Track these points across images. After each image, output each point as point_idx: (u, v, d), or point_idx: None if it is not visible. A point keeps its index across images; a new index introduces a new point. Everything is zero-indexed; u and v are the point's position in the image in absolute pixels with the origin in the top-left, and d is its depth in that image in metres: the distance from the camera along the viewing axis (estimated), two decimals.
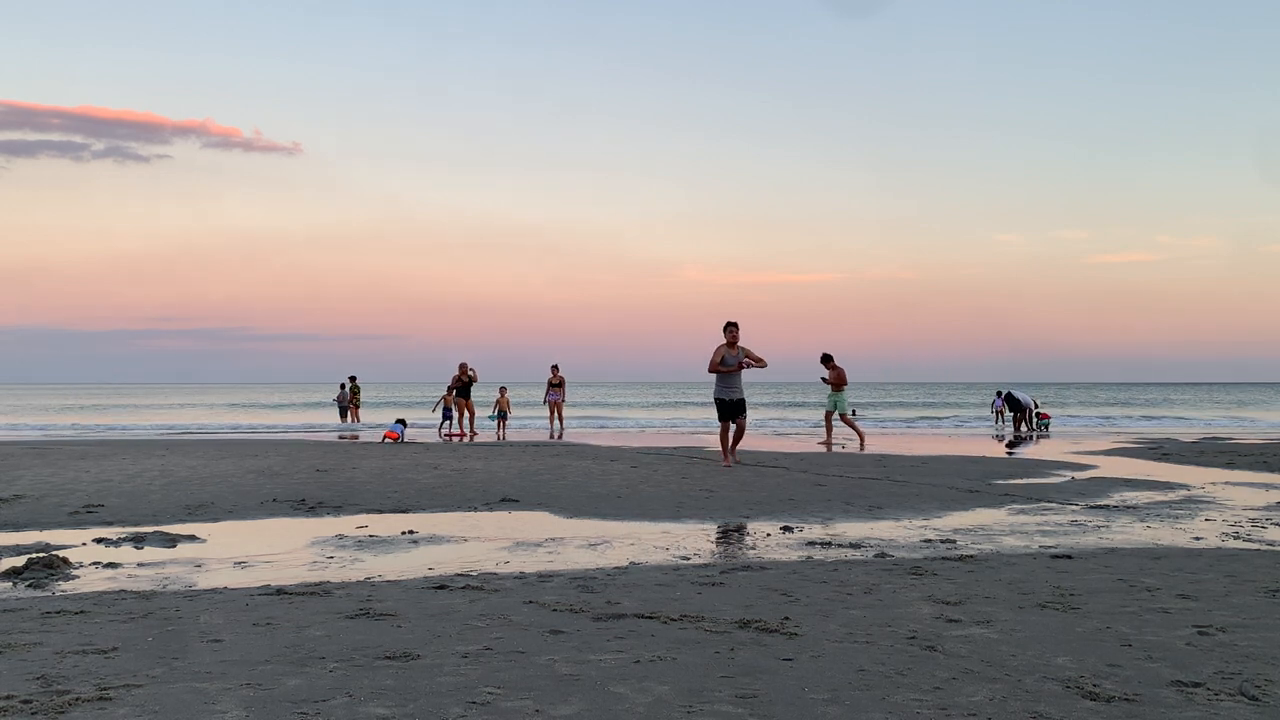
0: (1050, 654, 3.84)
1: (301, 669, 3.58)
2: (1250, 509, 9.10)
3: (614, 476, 11.59)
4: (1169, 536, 7.38)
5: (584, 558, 6.42)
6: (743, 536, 7.36)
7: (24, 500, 9.26)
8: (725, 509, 8.89)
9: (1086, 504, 9.36)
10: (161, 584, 5.53)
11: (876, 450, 17.32)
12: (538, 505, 9.19)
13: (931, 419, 36.07)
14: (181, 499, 9.40)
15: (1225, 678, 3.52)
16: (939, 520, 8.28)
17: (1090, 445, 19.86)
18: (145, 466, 12.63)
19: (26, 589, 5.38)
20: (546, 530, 7.71)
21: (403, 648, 3.89)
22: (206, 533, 7.56)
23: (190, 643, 3.99)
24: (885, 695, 3.29)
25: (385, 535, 7.44)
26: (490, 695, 3.26)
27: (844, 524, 8.07)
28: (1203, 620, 4.45)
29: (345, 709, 3.11)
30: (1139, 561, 6.12)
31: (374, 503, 9.32)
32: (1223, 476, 12.41)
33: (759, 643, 4.00)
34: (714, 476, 11.75)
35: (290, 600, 4.87)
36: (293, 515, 8.57)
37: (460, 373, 22.53)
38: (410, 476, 11.55)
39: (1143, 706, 3.19)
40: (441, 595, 5.01)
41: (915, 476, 11.94)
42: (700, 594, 5.04)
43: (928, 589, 5.17)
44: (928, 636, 4.11)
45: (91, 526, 7.83)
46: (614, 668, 3.61)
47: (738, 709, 3.15)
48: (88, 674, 3.51)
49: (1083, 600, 4.89)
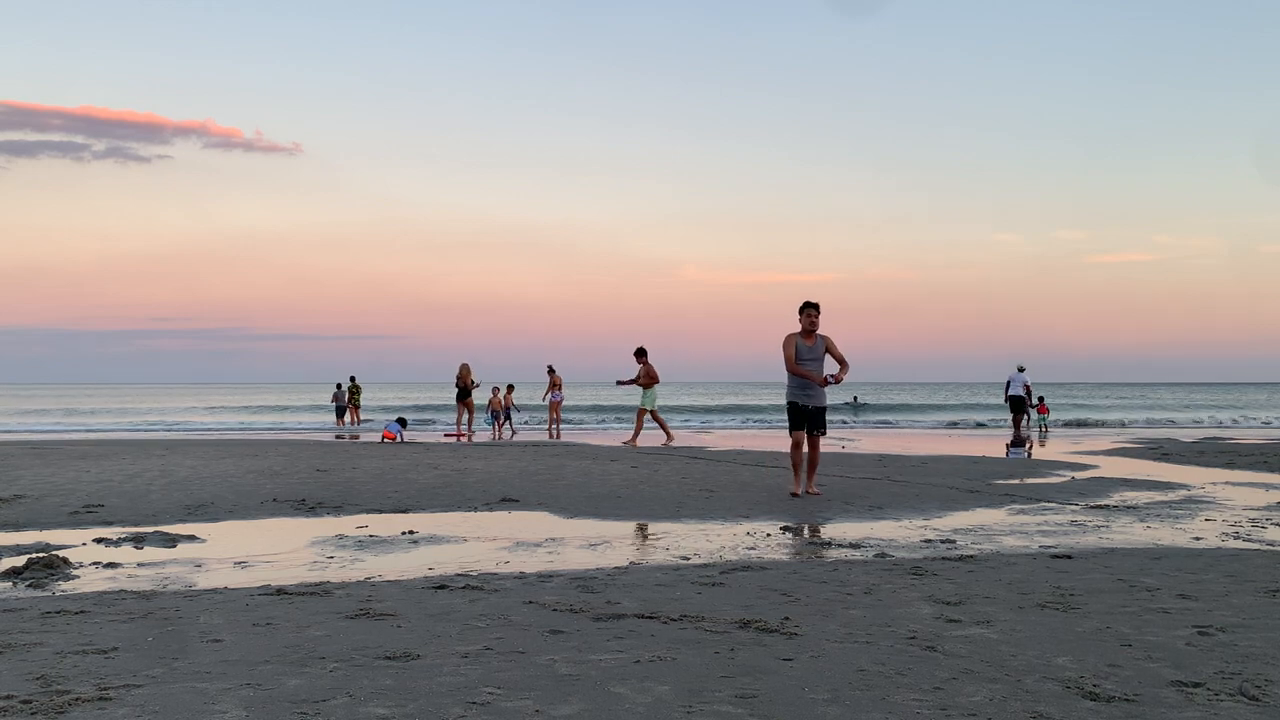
0: (1050, 654, 3.84)
1: (301, 669, 3.58)
2: (1250, 509, 9.10)
3: (614, 476, 11.59)
4: (1169, 536, 7.38)
5: (584, 558, 6.42)
6: (743, 537, 7.36)
7: (24, 500, 9.26)
8: (725, 509, 8.89)
9: (1087, 504, 9.36)
10: (161, 584, 5.53)
11: (877, 450, 17.32)
12: (538, 505, 9.19)
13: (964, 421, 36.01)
14: (181, 499, 9.40)
15: (1225, 678, 3.52)
16: (939, 520, 8.28)
17: (1090, 445, 19.86)
18: (145, 466, 12.63)
19: (26, 589, 5.38)
20: (546, 530, 7.71)
21: (403, 648, 3.89)
22: (206, 533, 7.56)
23: (190, 643, 3.99)
24: (885, 695, 3.29)
25: (385, 535, 7.44)
26: (490, 695, 3.26)
27: (844, 524, 8.07)
28: (1203, 620, 4.45)
29: (345, 709, 3.11)
30: (1139, 561, 6.12)
31: (374, 503, 9.32)
32: (1223, 476, 12.40)
33: (759, 643, 4.00)
34: (714, 476, 11.75)
35: (290, 600, 4.87)
36: (293, 515, 8.57)
37: (464, 375, 22.77)
38: (410, 476, 11.55)
39: (1143, 706, 3.19)
40: (441, 595, 5.01)
41: (915, 476, 11.94)
42: (700, 594, 5.04)
43: (928, 589, 5.17)
44: (928, 636, 4.11)
45: (91, 526, 7.83)
46: (614, 668, 3.61)
47: (738, 709, 3.15)
48: (88, 674, 3.51)
49: (1083, 600, 4.89)
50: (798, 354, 9.79)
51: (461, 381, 22.75)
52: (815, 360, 9.81)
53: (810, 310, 9.83)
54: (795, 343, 9.82)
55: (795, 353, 9.79)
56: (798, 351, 9.80)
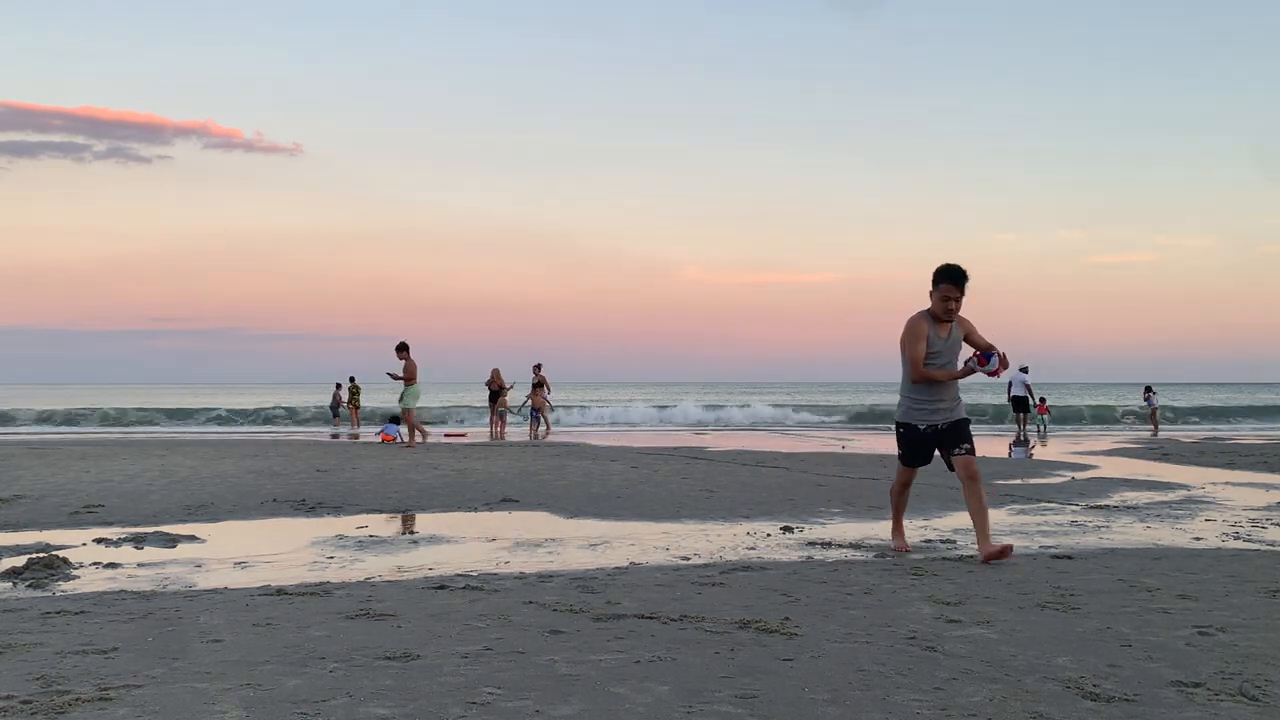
0: (1050, 654, 3.84)
1: (301, 669, 3.58)
2: (1250, 509, 9.10)
3: (614, 476, 11.59)
4: (1169, 537, 7.38)
5: (584, 558, 6.42)
6: (743, 536, 7.36)
7: (24, 500, 9.26)
8: (725, 509, 8.89)
9: (1087, 504, 9.36)
10: (162, 584, 5.53)
11: (877, 450, 17.32)
12: (538, 505, 9.19)
13: None
14: (181, 499, 9.40)
15: (1225, 678, 3.52)
16: (939, 520, 8.27)
17: (1090, 445, 19.86)
18: (145, 466, 12.63)
19: (26, 589, 5.38)
20: (546, 530, 7.71)
21: (403, 648, 3.88)
22: (206, 533, 7.56)
23: (190, 643, 3.99)
24: (885, 695, 3.29)
25: (385, 535, 7.44)
26: (490, 695, 3.25)
27: (844, 524, 8.07)
28: (1203, 620, 4.44)
29: (345, 709, 3.11)
30: (1139, 562, 6.12)
31: (374, 503, 9.32)
32: (1223, 476, 12.41)
33: (759, 643, 4.00)
34: (714, 476, 11.75)
35: (290, 600, 4.87)
36: (293, 515, 8.57)
37: (495, 379, 23.64)
38: (410, 477, 11.55)
39: (1143, 706, 3.19)
40: (441, 595, 5.01)
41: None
42: (700, 594, 5.04)
43: (928, 589, 5.16)
44: (928, 636, 4.11)
45: (91, 526, 7.83)
46: (614, 668, 3.61)
47: (738, 709, 3.14)
48: (88, 674, 3.51)
49: (1083, 600, 4.89)
50: (929, 352, 6.33)
51: (493, 384, 23.56)
52: (948, 360, 6.39)
53: (950, 284, 6.28)
54: (928, 333, 6.34)
55: (926, 349, 6.32)
56: (930, 347, 6.33)
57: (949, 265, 6.31)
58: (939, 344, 6.33)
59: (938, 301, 6.32)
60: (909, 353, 6.35)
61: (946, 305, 6.30)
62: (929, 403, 6.39)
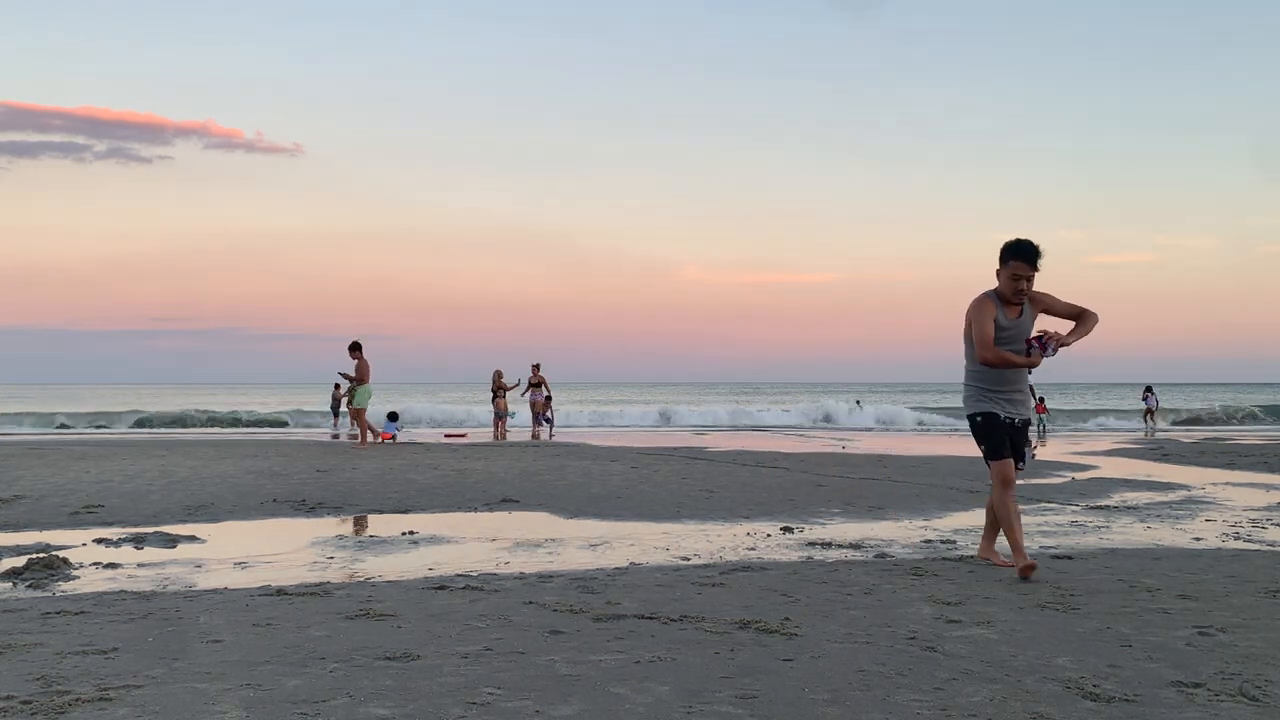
0: (1050, 654, 3.84)
1: (301, 669, 3.58)
2: (1250, 509, 9.10)
3: (614, 476, 11.59)
4: (1169, 537, 7.38)
5: (584, 558, 6.42)
6: (743, 537, 7.36)
7: (24, 500, 9.26)
8: (725, 509, 8.89)
9: (1087, 504, 9.36)
10: (162, 584, 5.53)
11: (877, 450, 17.31)
12: (538, 505, 9.19)
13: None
14: (181, 499, 9.40)
15: (1225, 678, 3.52)
16: (939, 520, 8.27)
17: (1090, 445, 19.87)
18: (145, 467, 12.63)
19: (26, 589, 5.38)
20: (546, 530, 7.71)
21: (403, 648, 3.88)
22: (206, 533, 7.56)
23: (190, 643, 3.99)
24: (885, 696, 3.29)
25: (385, 535, 7.44)
26: (490, 696, 3.25)
27: (844, 524, 8.07)
28: (1203, 621, 4.44)
29: (345, 709, 3.11)
30: (1139, 562, 6.12)
31: (374, 503, 9.32)
32: (1223, 477, 12.41)
33: (759, 643, 4.00)
34: (714, 476, 11.75)
35: (290, 601, 4.87)
36: (293, 515, 8.57)
37: (496, 379, 24.24)
38: (410, 477, 11.55)
39: (1143, 707, 3.19)
40: (441, 595, 5.01)
41: (915, 476, 11.94)
42: (700, 594, 5.04)
43: (928, 589, 5.16)
44: (928, 637, 4.11)
45: (91, 527, 7.83)
46: (614, 668, 3.61)
47: (738, 709, 3.14)
48: (88, 674, 3.51)
49: (1083, 600, 4.89)
50: (997, 335, 5.74)
51: (494, 385, 24.12)
52: (1016, 344, 5.75)
53: (1021, 261, 5.69)
54: (995, 313, 5.77)
55: (994, 333, 5.73)
56: (998, 330, 5.75)
57: (1019, 240, 5.70)
58: (1009, 327, 5.75)
59: (1006, 281, 5.73)
60: (976, 331, 5.73)
61: (1016, 286, 5.70)
62: (1003, 392, 5.82)
